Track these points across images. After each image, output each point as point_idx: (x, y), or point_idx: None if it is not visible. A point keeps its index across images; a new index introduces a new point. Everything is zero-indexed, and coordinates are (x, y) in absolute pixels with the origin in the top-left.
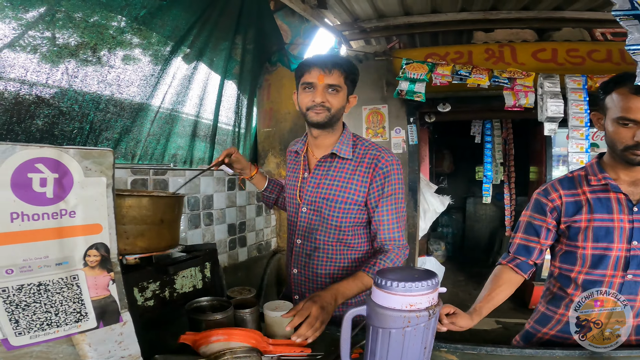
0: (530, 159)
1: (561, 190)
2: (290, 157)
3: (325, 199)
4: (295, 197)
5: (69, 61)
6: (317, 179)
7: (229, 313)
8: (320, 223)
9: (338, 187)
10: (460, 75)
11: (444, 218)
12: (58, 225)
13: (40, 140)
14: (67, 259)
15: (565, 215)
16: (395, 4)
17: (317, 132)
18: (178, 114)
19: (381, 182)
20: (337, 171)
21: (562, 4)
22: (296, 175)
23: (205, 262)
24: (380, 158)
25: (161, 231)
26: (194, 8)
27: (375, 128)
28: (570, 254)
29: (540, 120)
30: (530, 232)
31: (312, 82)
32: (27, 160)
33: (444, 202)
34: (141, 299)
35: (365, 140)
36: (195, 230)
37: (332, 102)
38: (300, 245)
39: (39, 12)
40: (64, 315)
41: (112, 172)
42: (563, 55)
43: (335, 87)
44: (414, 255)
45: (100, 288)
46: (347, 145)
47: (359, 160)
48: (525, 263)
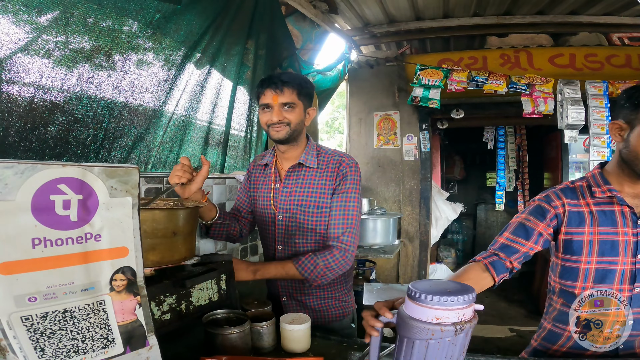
0: (545, 166)
1: (564, 198)
2: (257, 170)
3: (298, 205)
4: (269, 207)
5: (84, 66)
6: (289, 188)
7: (246, 327)
8: (297, 229)
9: (309, 194)
10: (477, 82)
11: (455, 225)
12: (83, 250)
13: (54, 148)
14: (93, 285)
15: (567, 225)
16: (406, 8)
17: (284, 147)
18: (191, 120)
19: (339, 182)
20: (305, 179)
21: (578, 9)
22: (267, 186)
23: (221, 274)
24: (342, 162)
25: (174, 244)
26: (208, 13)
27: (386, 135)
28: (570, 270)
29: (560, 127)
30: (519, 232)
31: (268, 103)
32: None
33: (456, 209)
34: (158, 312)
35: (327, 149)
36: (207, 239)
37: (289, 118)
38: (282, 250)
39: (54, 16)
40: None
41: (138, 192)
42: (581, 61)
43: (290, 104)
44: (425, 263)
45: (127, 313)
46: (312, 155)
47: (324, 167)
48: (501, 262)
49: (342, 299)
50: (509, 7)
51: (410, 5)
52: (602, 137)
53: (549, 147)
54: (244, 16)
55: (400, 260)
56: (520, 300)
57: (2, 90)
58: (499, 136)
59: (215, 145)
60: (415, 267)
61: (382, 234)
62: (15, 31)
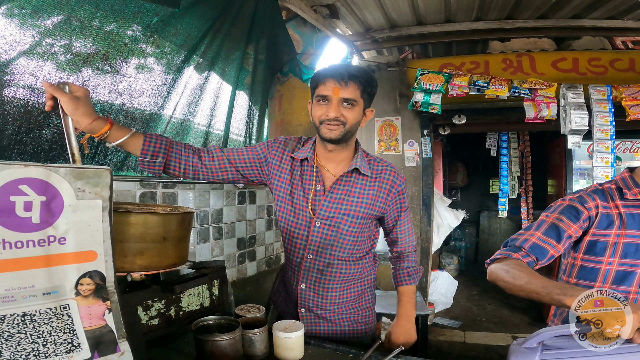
0: (549, 173)
1: (598, 200)
2: (290, 162)
3: (345, 214)
4: (305, 210)
5: (81, 69)
6: (336, 195)
7: (237, 334)
8: (336, 239)
9: (358, 203)
10: (478, 86)
11: (457, 232)
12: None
13: (49, 151)
14: (57, 289)
15: (597, 227)
16: (408, 13)
17: (332, 147)
18: (189, 124)
19: (400, 198)
20: (357, 187)
21: (581, 13)
22: (306, 186)
23: (213, 279)
24: (396, 175)
25: (163, 249)
26: (207, 16)
27: (387, 141)
28: (590, 270)
29: (563, 132)
30: (551, 233)
31: (327, 95)
32: (9, 181)
33: (458, 216)
34: (145, 317)
35: (375, 156)
36: (204, 245)
37: (347, 116)
38: (312, 260)
39: (56, 20)
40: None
41: (109, 194)
42: (584, 65)
43: (351, 101)
44: (427, 270)
45: (94, 318)
46: (365, 162)
47: (375, 176)
48: (533, 264)
49: (362, 313)
50: (511, 12)
51: (411, 10)
52: (606, 142)
53: (552, 154)
54: (244, 20)
55: None
56: (523, 308)
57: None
58: (502, 142)
59: None
60: None
61: (383, 240)
62: (12, 33)
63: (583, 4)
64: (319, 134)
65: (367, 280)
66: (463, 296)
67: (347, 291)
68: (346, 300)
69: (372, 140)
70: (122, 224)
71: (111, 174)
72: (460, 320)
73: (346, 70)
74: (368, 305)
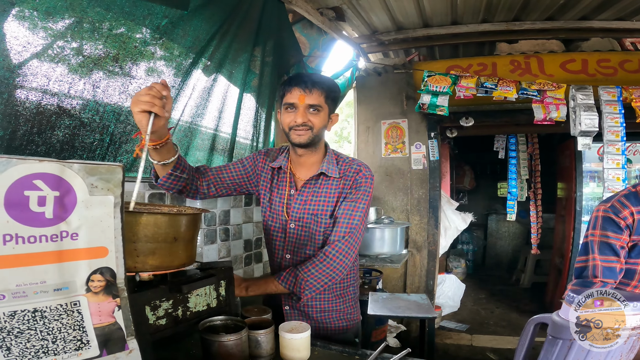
0: (558, 175)
1: (632, 206)
2: (268, 170)
3: (313, 214)
4: (281, 214)
5: (91, 71)
6: (304, 196)
7: (243, 334)
8: (309, 238)
9: (325, 203)
10: (486, 88)
11: (465, 235)
12: (58, 249)
13: (60, 152)
14: (67, 285)
15: (635, 233)
16: (414, 16)
17: (302, 151)
18: (197, 127)
19: (351, 190)
20: (323, 188)
21: (589, 14)
22: (281, 192)
23: (220, 280)
24: (360, 171)
25: (174, 249)
26: (215, 19)
27: (394, 143)
28: (629, 270)
29: (573, 134)
30: (607, 252)
31: (294, 102)
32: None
33: (466, 219)
34: (153, 317)
35: (345, 157)
36: (211, 246)
37: (313, 121)
38: (290, 260)
39: (67, 22)
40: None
41: (121, 190)
42: (594, 66)
43: (316, 107)
44: (434, 273)
45: (104, 315)
46: (333, 165)
47: (341, 176)
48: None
49: (345, 310)
50: (518, 14)
51: (418, 13)
52: (617, 144)
53: (562, 156)
54: (251, 23)
55: (408, 270)
56: (532, 311)
57: (12, 95)
58: (510, 145)
59: (221, 152)
60: (423, 277)
61: (389, 243)
62: (25, 35)
63: (591, 5)
64: (289, 140)
65: (348, 278)
66: (470, 299)
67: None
68: (328, 298)
69: (379, 142)
70: (134, 224)
71: (123, 170)
72: (468, 324)
73: (309, 78)
74: (351, 303)
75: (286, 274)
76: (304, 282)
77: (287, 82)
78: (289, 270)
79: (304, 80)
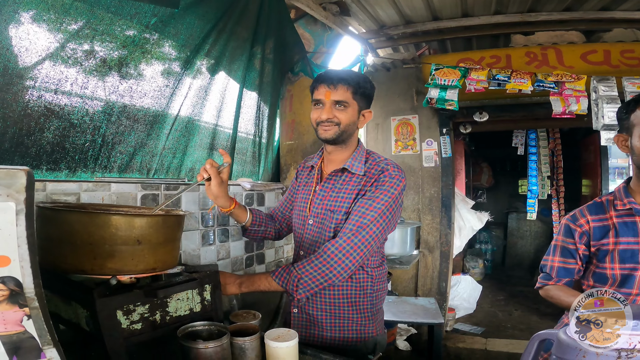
0: (583, 172)
1: (589, 215)
2: (303, 172)
3: (330, 210)
4: (304, 210)
5: (79, 71)
6: (325, 192)
7: (224, 341)
8: (321, 235)
9: (343, 199)
10: (498, 80)
11: (483, 234)
12: None
13: (51, 154)
14: None
15: (594, 240)
16: (422, 9)
17: (331, 148)
18: (194, 126)
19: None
20: (344, 184)
21: (610, 5)
22: (308, 189)
23: (204, 284)
24: (385, 169)
25: (138, 253)
26: (209, 16)
27: (404, 140)
28: (601, 274)
29: (595, 128)
30: (566, 255)
31: (320, 99)
32: None
33: (481, 218)
34: (126, 322)
35: (377, 156)
36: (208, 247)
37: (340, 117)
38: (303, 257)
39: (51, 23)
40: None
41: (26, 196)
42: (617, 57)
43: (342, 103)
44: (447, 275)
45: (10, 323)
46: (359, 162)
47: (365, 173)
48: (570, 283)
49: (358, 321)
50: (533, 4)
51: (425, 5)
52: None
53: (586, 152)
54: (249, 20)
55: (420, 271)
56: (553, 314)
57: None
58: (530, 140)
59: None
60: (435, 279)
61: (398, 243)
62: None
63: None
64: (317, 136)
65: (364, 286)
66: (488, 301)
67: (339, 292)
68: (339, 303)
69: (389, 139)
70: (89, 225)
71: (29, 175)
72: (483, 327)
73: (336, 74)
74: (367, 314)
75: (281, 270)
76: (297, 279)
77: (316, 79)
78: (284, 267)
79: (330, 76)
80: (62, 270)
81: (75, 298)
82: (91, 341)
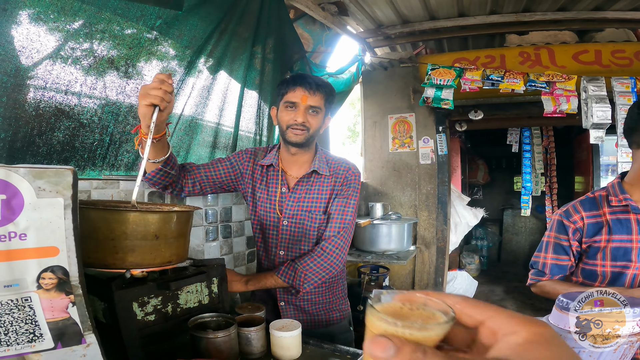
0: (576, 169)
1: (583, 212)
2: (256, 168)
3: (307, 211)
4: (273, 211)
5: (88, 72)
6: (298, 194)
7: (232, 331)
8: (303, 234)
9: (318, 200)
10: (492, 80)
11: (479, 231)
12: (6, 248)
13: (61, 153)
14: (18, 282)
15: (586, 236)
16: (419, 8)
17: (295, 150)
18: (198, 125)
19: (342, 187)
20: (316, 185)
21: (603, 4)
22: (272, 190)
23: (212, 277)
24: (349, 169)
25: (156, 247)
26: (211, 18)
27: (402, 138)
28: (591, 271)
29: (585, 127)
30: (559, 251)
31: (296, 102)
32: None
33: (477, 214)
34: (141, 313)
35: (333, 156)
36: (212, 243)
37: (311, 122)
38: (284, 256)
39: (61, 24)
40: (14, 335)
41: (72, 192)
42: (608, 57)
43: (316, 109)
44: (443, 270)
45: (57, 310)
46: (323, 163)
47: (331, 174)
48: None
49: (337, 302)
50: (528, 4)
51: (422, 5)
52: None
53: (579, 149)
54: (250, 20)
55: (416, 266)
56: (547, 309)
57: (10, 98)
58: (524, 138)
59: (223, 150)
60: (431, 274)
61: (396, 239)
62: (24, 39)
63: None
64: (284, 138)
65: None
66: (483, 297)
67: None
68: (320, 290)
69: (386, 137)
70: (112, 221)
71: (74, 173)
72: None
73: (314, 80)
74: (341, 295)
75: (285, 268)
76: (303, 275)
77: (291, 81)
78: (287, 265)
79: (309, 81)
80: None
81: (93, 291)
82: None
